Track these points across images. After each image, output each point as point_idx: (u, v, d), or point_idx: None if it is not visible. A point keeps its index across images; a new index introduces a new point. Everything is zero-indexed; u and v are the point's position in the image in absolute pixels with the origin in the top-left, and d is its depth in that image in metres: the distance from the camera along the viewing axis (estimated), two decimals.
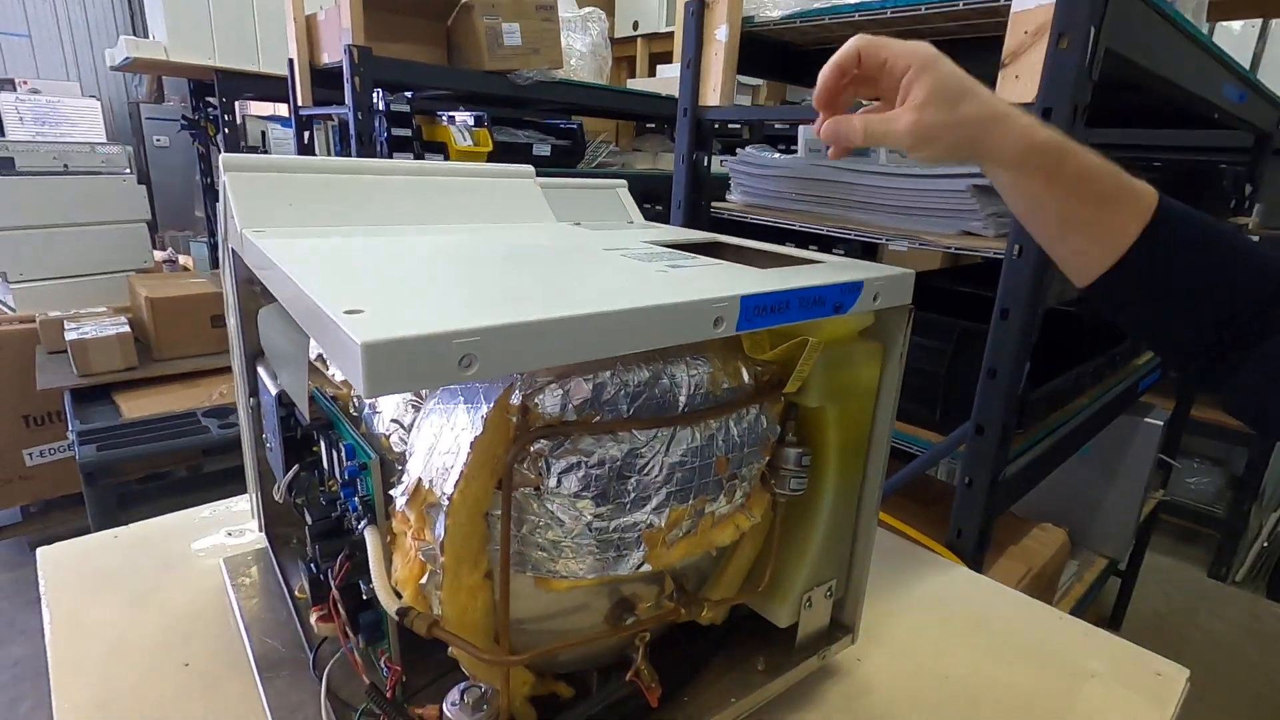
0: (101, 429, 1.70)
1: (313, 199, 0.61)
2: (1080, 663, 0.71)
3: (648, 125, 3.27)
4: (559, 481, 0.41)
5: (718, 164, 1.26)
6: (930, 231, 0.95)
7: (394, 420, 0.50)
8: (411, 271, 0.46)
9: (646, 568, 0.44)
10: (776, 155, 1.16)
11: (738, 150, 1.21)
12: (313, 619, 0.57)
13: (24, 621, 2.07)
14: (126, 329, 2.04)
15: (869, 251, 1.35)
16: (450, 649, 0.44)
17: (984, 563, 0.92)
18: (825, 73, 0.56)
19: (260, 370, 0.65)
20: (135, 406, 1.93)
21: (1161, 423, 1.65)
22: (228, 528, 0.86)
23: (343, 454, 0.50)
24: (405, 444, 0.48)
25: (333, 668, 0.56)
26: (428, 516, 0.42)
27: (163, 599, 0.72)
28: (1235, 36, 2.54)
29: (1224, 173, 1.50)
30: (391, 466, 0.48)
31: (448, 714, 0.44)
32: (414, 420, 0.48)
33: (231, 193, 0.58)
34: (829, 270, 0.53)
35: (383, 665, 0.51)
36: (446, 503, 0.40)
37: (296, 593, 0.65)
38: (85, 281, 2.39)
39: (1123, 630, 2.24)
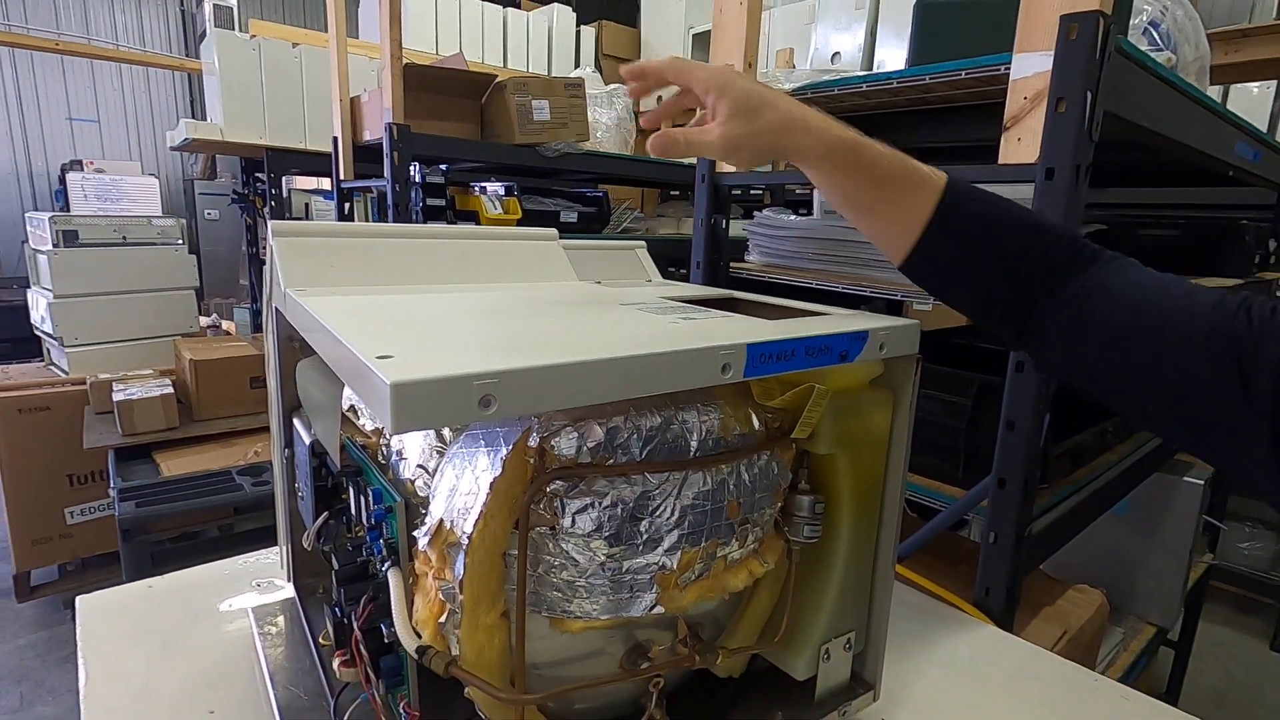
0: (141, 486, 1.76)
1: (352, 262, 0.66)
2: None
3: (671, 193, 3.38)
4: (573, 521, 0.43)
5: (738, 229, 1.31)
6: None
7: (420, 466, 0.52)
8: (439, 322, 0.49)
9: (659, 610, 0.45)
10: (793, 217, 1.20)
11: (755, 214, 1.26)
12: (335, 664, 0.58)
13: (54, 681, 2.08)
14: (170, 390, 2.13)
15: (894, 310, 1.37)
16: (466, 689, 0.45)
17: (1015, 623, 0.89)
18: (633, 84, 0.63)
19: (296, 423, 0.68)
20: (174, 465, 1.99)
21: (1202, 482, 1.60)
22: (257, 579, 0.88)
23: (370, 499, 0.53)
24: (429, 489, 0.50)
25: (353, 714, 0.56)
26: (448, 556, 0.44)
27: (191, 647, 0.74)
28: (1253, 97, 2.58)
29: (1246, 229, 1.50)
30: (416, 510, 0.50)
31: None
32: (438, 466, 0.50)
33: (279, 255, 0.63)
34: (836, 321, 0.55)
35: (401, 710, 0.52)
36: (466, 542, 0.42)
37: (321, 640, 0.66)
38: (135, 346, 2.50)
39: (1180, 706, 2.11)
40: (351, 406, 0.63)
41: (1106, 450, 1.09)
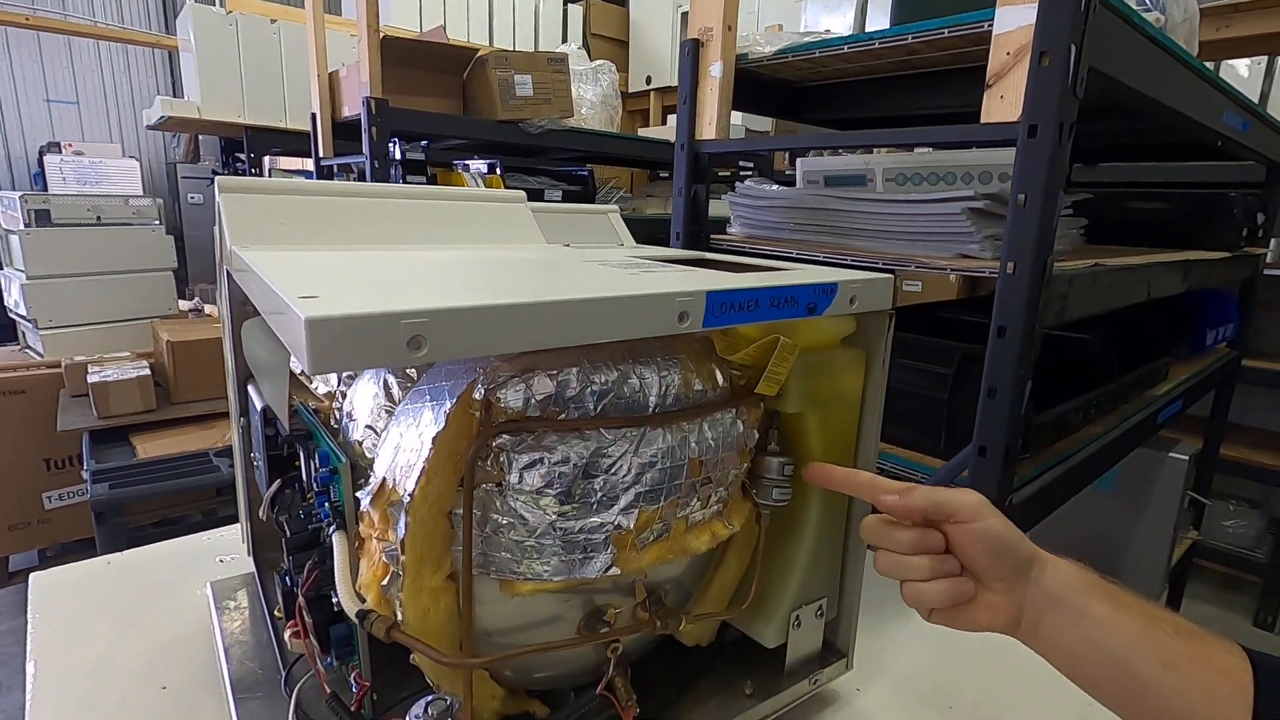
0: (115, 468, 1.72)
1: (304, 220, 0.63)
2: None
3: (660, 174, 3.34)
4: (521, 478, 0.41)
5: (725, 208, 1.28)
6: (927, 255, 0.94)
7: (368, 427, 0.50)
8: (381, 272, 0.46)
9: (615, 571, 0.43)
10: (775, 187, 1.17)
11: (736, 187, 1.23)
12: (286, 635, 0.55)
13: None
14: (146, 372, 2.09)
15: None
16: (413, 656, 0.43)
17: None
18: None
19: (250, 390, 0.66)
20: (151, 448, 1.95)
21: (1187, 457, 1.60)
22: (221, 556, 0.85)
23: (317, 462, 0.50)
24: (378, 450, 0.47)
25: (305, 686, 0.54)
26: (391, 516, 0.42)
27: (148, 624, 0.71)
28: (1243, 80, 2.56)
29: (1234, 201, 1.48)
30: (363, 472, 0.48)
31: None
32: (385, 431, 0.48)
33: (225, 211, 0.60)
34: (807, 275, 0.53)
35: (353, 681, 0.50)
36: (408, 499, 0.40)
37: (276, 613, 0.64)
38: (112, 328, 2.45)
39: None
40: (304, 370, 0.61)
41: (1090, 423, 1.08)
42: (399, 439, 0.43)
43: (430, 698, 0.44)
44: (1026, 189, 0.75)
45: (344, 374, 0.57)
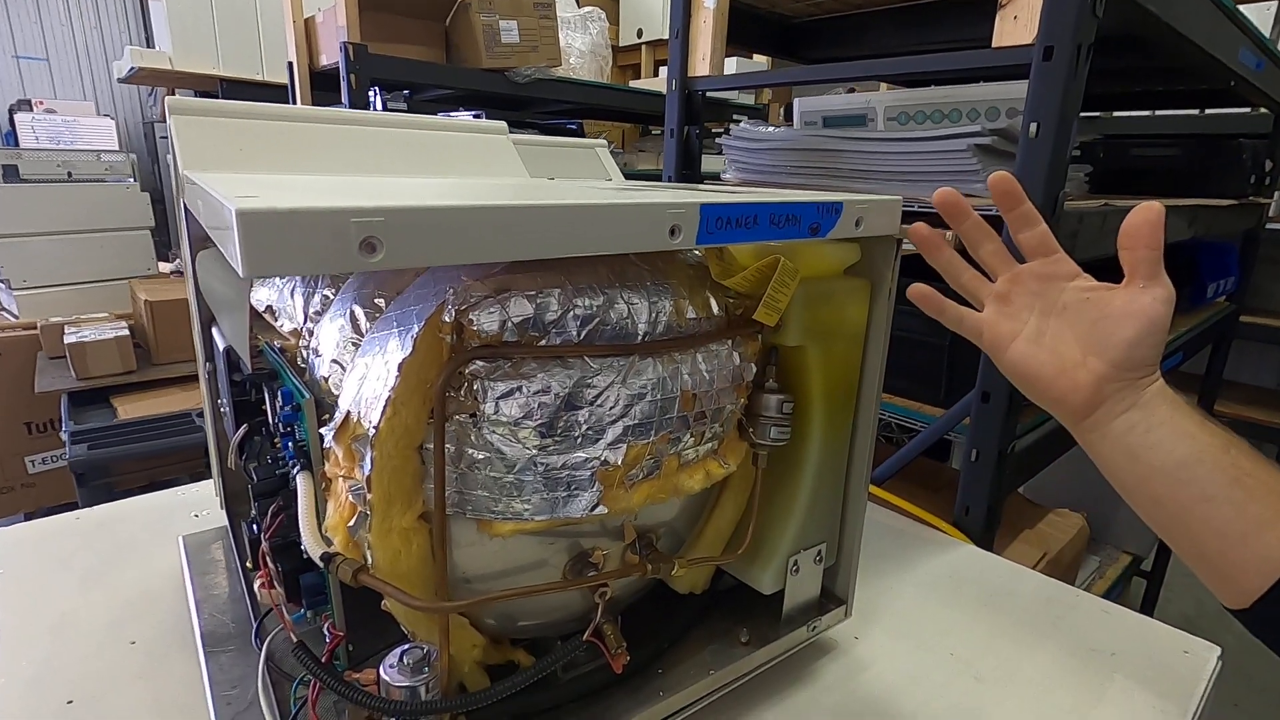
0: (94, 429, 1.68)
1: (265, 145, 0.58)
2: (1099, 641, 0.65)
3: (652, 130, 3.25)
4: (497, 408, 0.37)
5: (719, 164, 1.22)
6: (930, 197, 0.90)
7: (334, 361, 0.46)
8: (339, 186, 0.42)
9: (602, 510, 0.40)
10: (771, 128, 1.12)
11: (731, 129, 1.18)
12: (256, 585, 0.52)
13: None
14: (125, 332, 2.03)
15: None
16: (384, 602, 0.40)
17: (995, 545, 0.86)
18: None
19: (214, 332, 0.62)
20: (132, 409, 1.91)
21: None
22: (196, 511, 0.82)
23: (280, 400, 0.47)
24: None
25: (278, 638, 0.51)
26: (356, 452, 0.38)
27: (117, 579, 0.68)
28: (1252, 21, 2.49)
29: (1243, 147, 1.44)
30: (330, 409, 0.44)
31: (385, 676, 0.40)
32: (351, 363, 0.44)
33: (176, 135, 0.55)
34: (807, 196, 0.48)
35: (326, 632, 0.47)
36: (373, 432, 0.36)
37: (248, 565, 0.61)
38: (89, 289, 2.39)
39: None
40: (269, 307, 0.57)
41: None
42: (364, 370, 0.39)
43: (406, 647, 0.41)
44: (1039, 118, 0.71)
45: (311, 310, 0.53)
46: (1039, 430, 0.91)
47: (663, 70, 3.39)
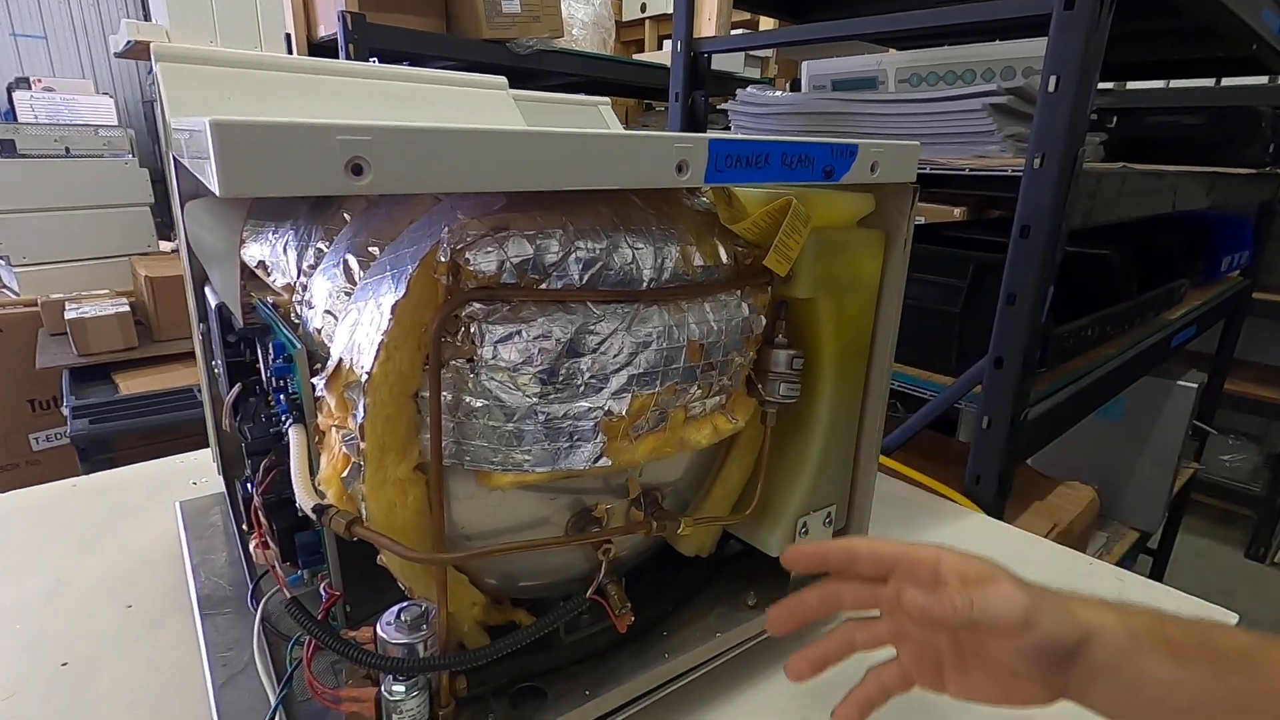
0: (95, 404, 1.67)
1: (255, 94, 0.56)
2: None
3: (655, 106, 3.20)
4: (495, 352, 0.35)
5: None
6: (944, 159, 0.88)
7: (327, 312, 0.44)
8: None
9: (605, 462, 0.38)
10: (778, 93, 1.09)
11: (737, 94, 1.15)
12: (251, 546, 0.51)
13: None
14: (126, 309, 2.02)
15: None
16: (380, 556, 0.39)
17: (1005, 515, 0.84)
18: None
19: (207, 292, 0.60)
20: (133, 385, 1.90)
21: (1196, 385, 1.56)
22: (193, 479, 0.81)
23: (273, 354, 0.45)
24: None
25: (273, 600, 0.50)
26: (349, 400, 0.36)
27: (114, 545, 0.67)
28: None
29: (1263, 115, 1.40)
30: (323, 362, 0.43)
31: (381, 634, 0.38)
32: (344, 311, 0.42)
33: (164, 83, 0.53)
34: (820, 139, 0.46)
35: (323, 591, 0.45)
36: (366, 378, 0.35)
37: (244, 527, 0.59)
38: (89, 266, 2.37)
39: None
40: (261, 263, 0.55)
41: (1107, 339, 1.03)
42: (356, 316, 0.38)
43: (404, 604, 0.40)
44: (1060, 70, 0.68)
45: (304, 265, 0.52)
46: (1052, 399, 0.89)
47: (667, 44, 3.33)
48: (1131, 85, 2.12)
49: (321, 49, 2.09)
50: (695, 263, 0.42)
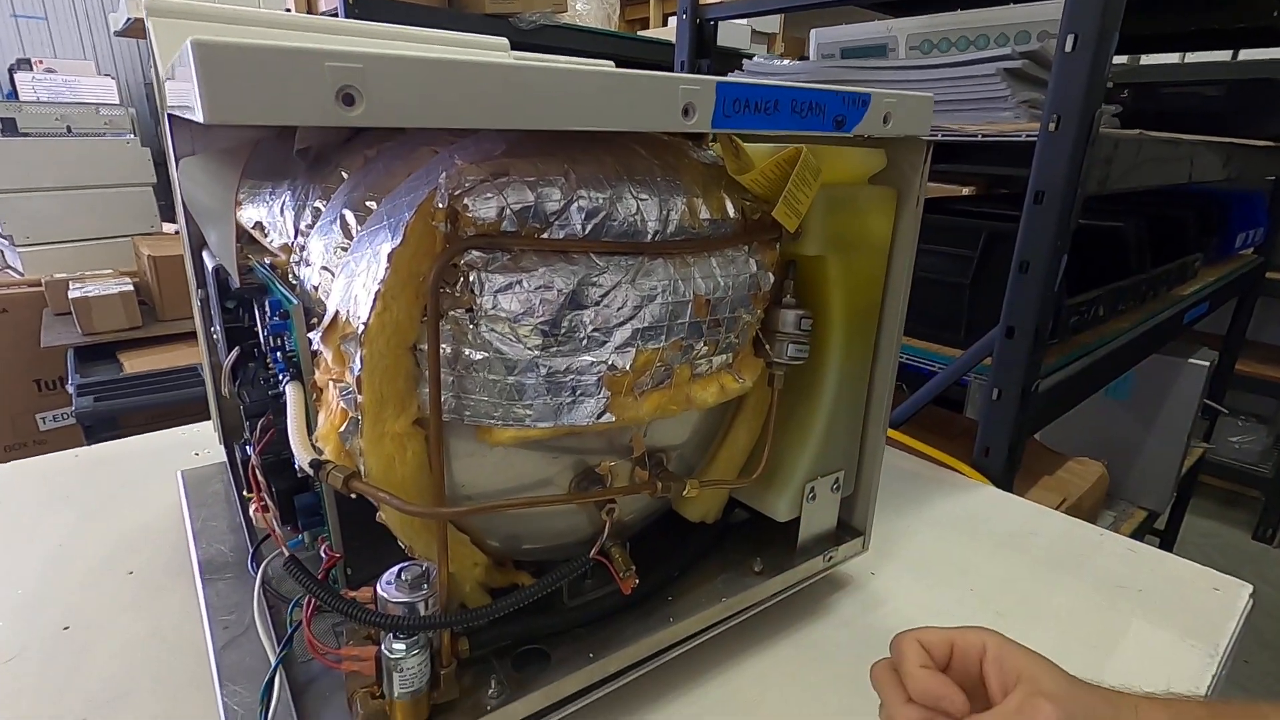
0: (100, 382, 1.68)
1: None
2: (1125, 578, 0.63)
3: None
4: (495, 302, 0.34)
5: None
6: (955, 125, 0.86)
7: (324, 268, 0.43)
8: None
9: (609, 419, 0.37)
10: (785, 62, 1.07)
11: (743, 64, 1.12)
12: (251, 510, 0.51)
13: None
14: (130, 288, 2.01)
15: None
16: (379, 514, 0.38)
17: (1014, 489, 0.83)
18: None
19: (204, 256, 0.59)
20: (138, 364, 1.90)
21: (1207, 364, 1.54)
22: (195, 450, 0.81)
23: (269, 311, 0.44)
24: None
25: (274, 564, 0.50)
26: (346, 354, 0.36)
27: (115, 513, 0.67)
28: None
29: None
30: (320, 318, 0.42)
31: (382, 593, 0.38)
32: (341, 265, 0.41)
33: (156, 39, 0.52)
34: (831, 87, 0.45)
35: (322, 554, 0.45)
36: (362, 329, 0.34)
37: (245, 494, 0.59)
38: (93, 246, 2.36)
39: None
40: (258, 223, 0.54)
41: (1121, 312, 1.01)
42: (353, 267, 0.37)
43: (405, 564, 0.39)
44: (1078, 28, 0.66)
45: (302, 225, 0.50)
46: (1063, 372, 0.88)
47: (672, 20, 3.29)
48: (1145, 60, 2.08)
49: None
50: (702, 216, 0.40)
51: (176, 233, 2.67)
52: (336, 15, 1.81)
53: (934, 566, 0.63)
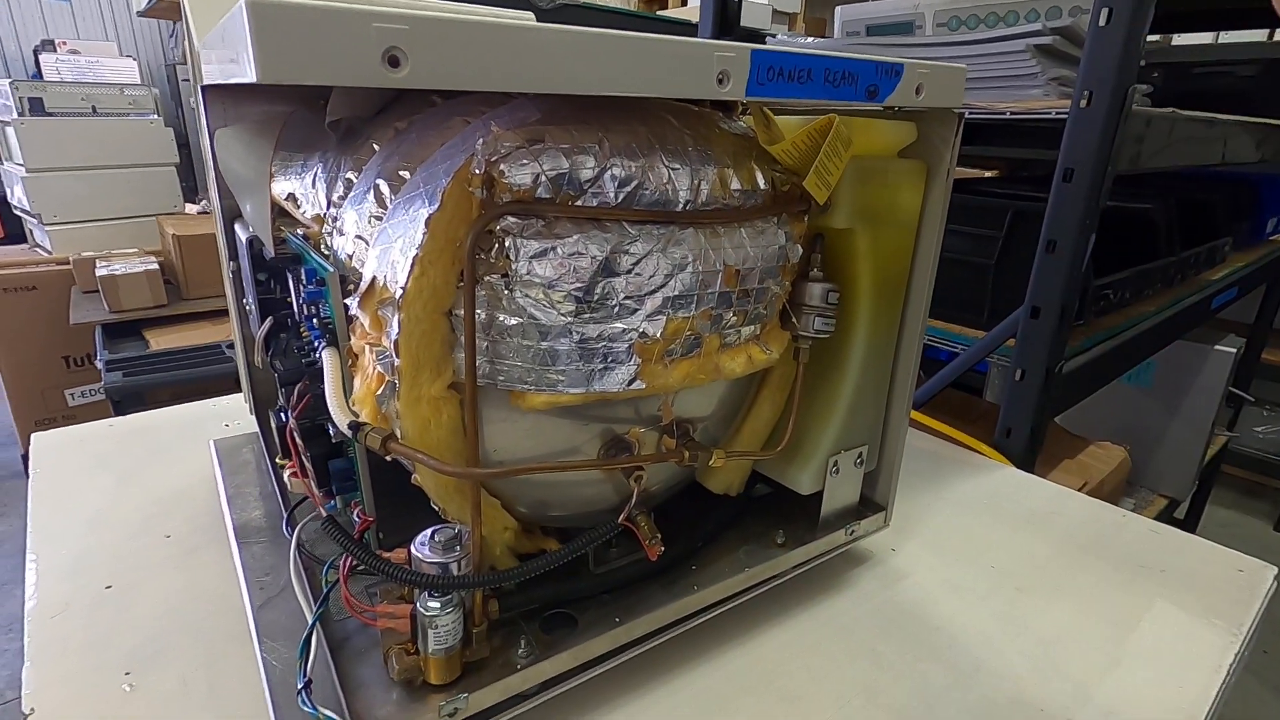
0: (128, 358, 1.71)
1: None
2: (1148, 558, 0.63)
3: None
4: (530, 268, 0.35)
5: None
6: (984, 103, 0.85)
7: (358, 237, 0.44)
8: None
9: (639, 385, 0.38)
10: (809, 39, 1.06)
11: (767, 41, 1.11)
12: (286, 476, 0.52)
13: None
14: (155, 267, 2.05)
15: None
16: (414, 476, 0.39)
17: (1035, 471, 0.83)
18: None
19: (237, 228, 0.60)
20: (163, 341, 1.93)
21: (1234, 350, 1.52)
22: (225, 421, 0.82)
23: (304, 279, 0.45)
24: None
25: (308, 527, 0.51)
26: (383, 319, 0.36)
27: (150, 480, 0.69)
28: None
29: None
30: (355, 286, 0.42)
31: (416, 554, 0.39)
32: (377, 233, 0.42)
33: (191, 13, 0.53)
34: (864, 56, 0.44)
35: (355, 517, 0.46)
36: (400, 294, 0.34)
37: (278, 460, 0.60)
38: (118, 225, 2.40)
39: None
40: (291, 195, 0.55)
41: (1148, 295, 1.00)
42: (389, 234, 0.37)
43: (438, 526, 0.40)
44: (1112, 2, 0.65)
45: (334, 196, 0.51)
46: (1088, 354, 0.87)
47: (692, 1, 3.25)
48: (1178, 41, 2.04)
49: None
50: (732, 186, 0.40)
51: (199, 213, 2.71)
52: None
53: (954, 544, 0.64)
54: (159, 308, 2.06)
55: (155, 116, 2.44)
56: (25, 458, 2.34)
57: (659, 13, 3.03)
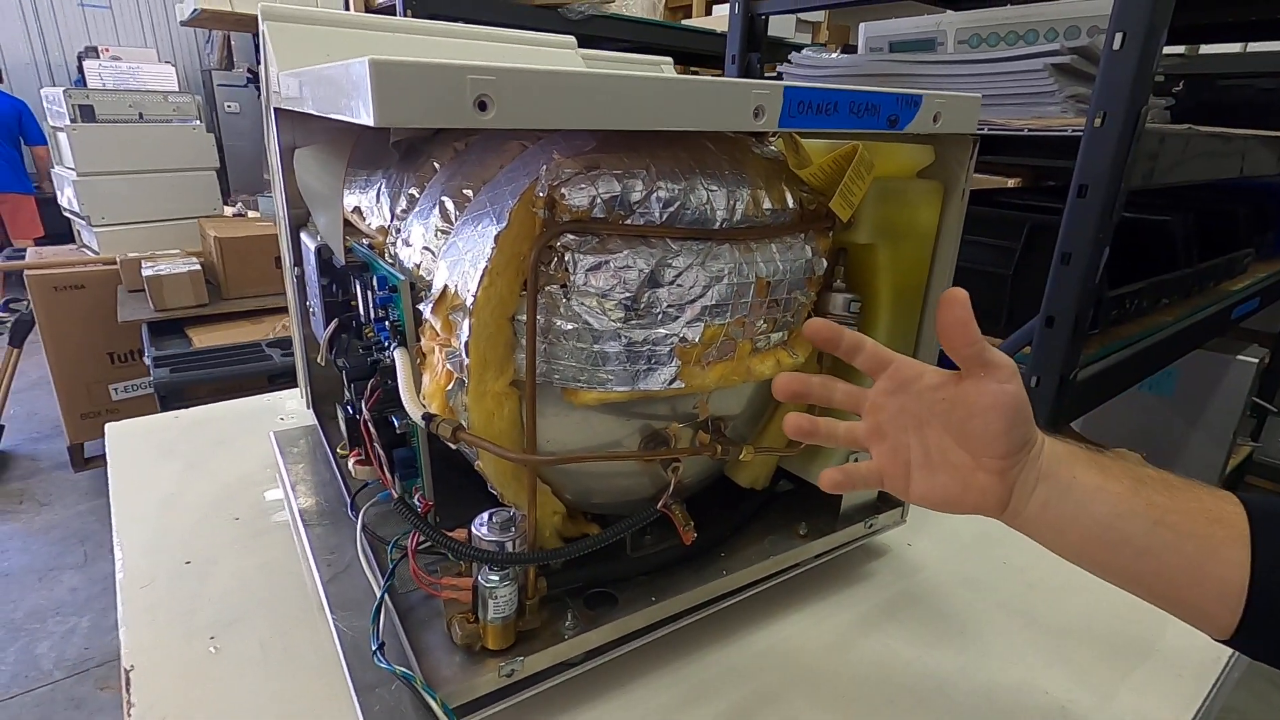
0: (175, 355, 1.79)
1: (351, 51, 0.60)
2: None
3: (698, 74, 3.18)
4: (586, 279, 0.39)
5: None
6: (1002, 119, 0.88)
7: (425, 249, 0.49)
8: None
9: (679, 384, 0.42)
10: (834, 54, 1.10)
11: (792, 57, 1.15)
12: (350, 464, 0.57)
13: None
14: (197, 268, 2.13)
15: None
16: (476, 463, 0.44)
17: None
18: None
19: (303, 236, 0.65)
20: (205, 339, 2.01)
21: (1257, 360, 1.53)
22: (280, 415, 0.88)
23: (375, 286, 0.50)
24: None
25: (370, 509, 0.56)
26: (454, 323, 0.41)
27: (216, 467, 0.74)
28: None
29: None
30: (422, 291, 0.47)
31: (476, 533, 0.43)
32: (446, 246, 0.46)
33: (270, 39, 0.58)
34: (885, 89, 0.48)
35: (416, 501, 0.51)
36: (471, 301, 0.39)
37: (339, 449, 0.65)
38: (161, 227, 2.50)
39: None
40: (356, 208, 0.60)
41: (1164, 305, 1.02)
42: (459, 248, 0.42)
43: (494, 509, 0.45)
44: (1126, 26, 0.68)
45: (398, 209, 0.56)
46: (1103, 362, 0.90)
47: (716, 9, 3.29)
48: (1205, 50, 2.04)
49: (380, 14, 2.14)
50: (764, 206, 0.45)
51: (235, 215, 2.79)
52: (394, 10, 1.88)
53: (968, 539, 0.67)
54: (200, 306, 2.15)
55: (197, 122, 2.53)
56: (71, 450, 2.43)
57: (683, 22, 3.07)
